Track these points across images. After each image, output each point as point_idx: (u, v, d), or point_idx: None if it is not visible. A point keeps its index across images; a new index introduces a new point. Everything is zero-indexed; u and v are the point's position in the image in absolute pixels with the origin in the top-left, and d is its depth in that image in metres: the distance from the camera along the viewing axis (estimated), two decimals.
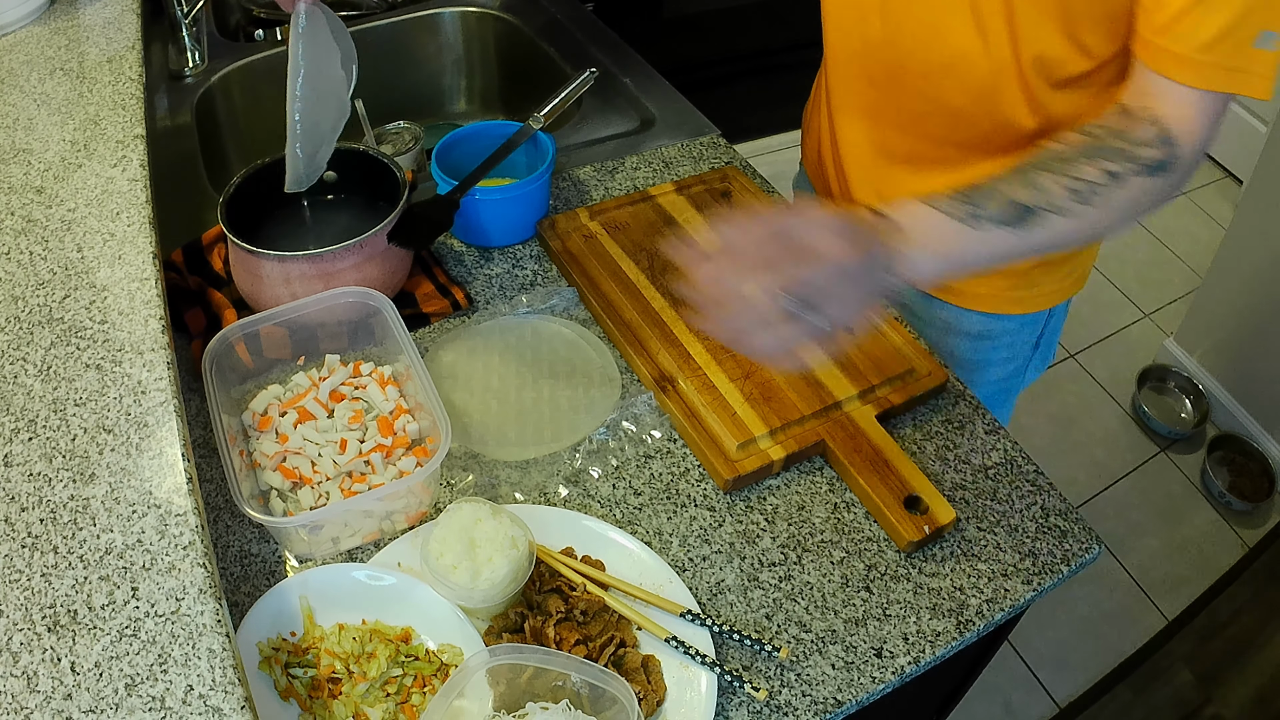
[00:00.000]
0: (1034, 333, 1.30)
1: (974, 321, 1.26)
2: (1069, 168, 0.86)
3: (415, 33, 1.70)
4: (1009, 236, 0.85)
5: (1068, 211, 0.85)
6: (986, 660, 1.18)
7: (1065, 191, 0.85)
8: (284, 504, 0.94)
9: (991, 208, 0.85)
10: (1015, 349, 1.31)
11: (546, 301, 1.16)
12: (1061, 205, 0.85)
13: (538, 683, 0.80)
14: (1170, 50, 0.87)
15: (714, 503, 0.98)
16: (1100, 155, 0.86)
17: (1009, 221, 0.85)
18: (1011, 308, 1.25)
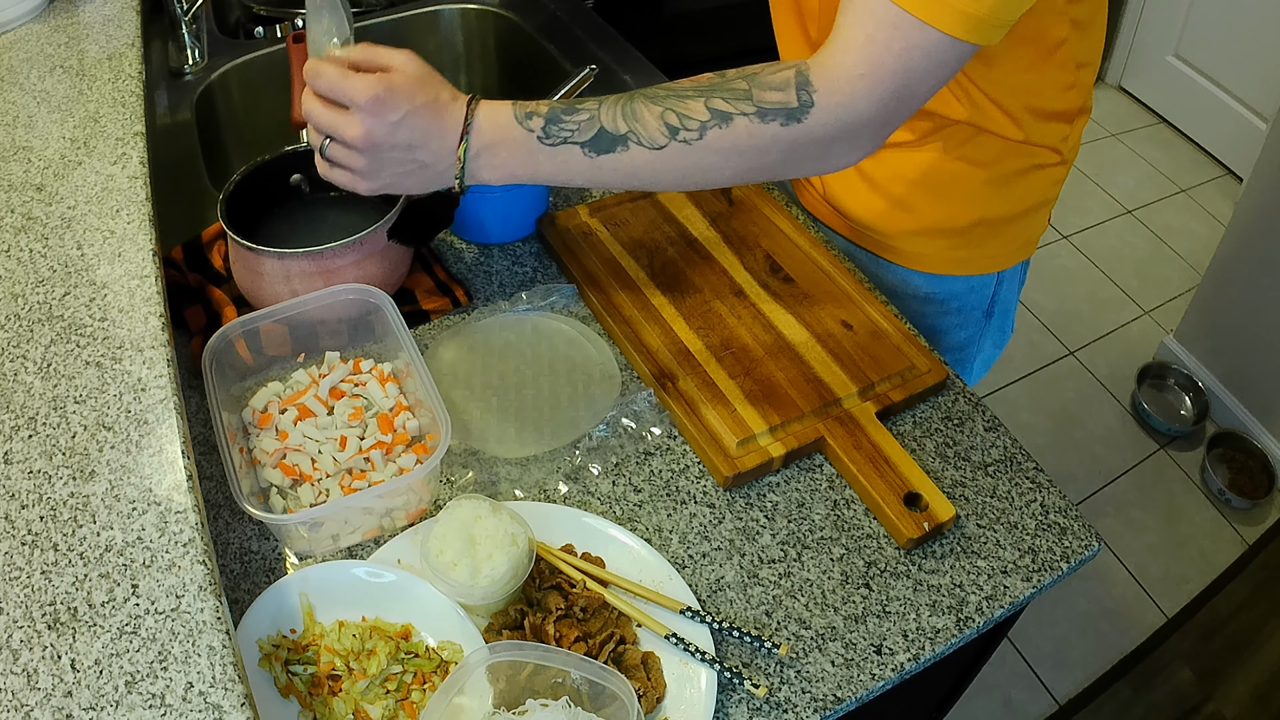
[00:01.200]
0: (983, 298, 1.30)
1: (920, 283, 1.26)
2: (675, 103, 0.84)
3: (415, 30, 1.70)
4: (583, 158, 0.86)
5: (655, 145, 0.84)
6: (986, 657, 1.18)
7: (659, 124, 0.83)
8: (284, 501, 0.94)
9: (573, 126, 0.85)
10: (965, 314, 1.31)
11: (546, 298, 1.16)
12: (649, 137, 0.84)
13: (537, 680, 0.80)
14: None
15: (714, 499, 0.98)
16: (716, 93, 0.83)
17: (586, 144, 0.85)
18: (955, 268, 1.25)
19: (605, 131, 0.85)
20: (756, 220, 1.25)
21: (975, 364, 1.41)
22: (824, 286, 1.16)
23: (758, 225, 1.24)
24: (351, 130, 0.85)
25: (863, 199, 1.22)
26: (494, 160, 0.88)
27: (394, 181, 0.89)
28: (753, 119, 0.81)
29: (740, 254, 1.20)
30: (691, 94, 0.83)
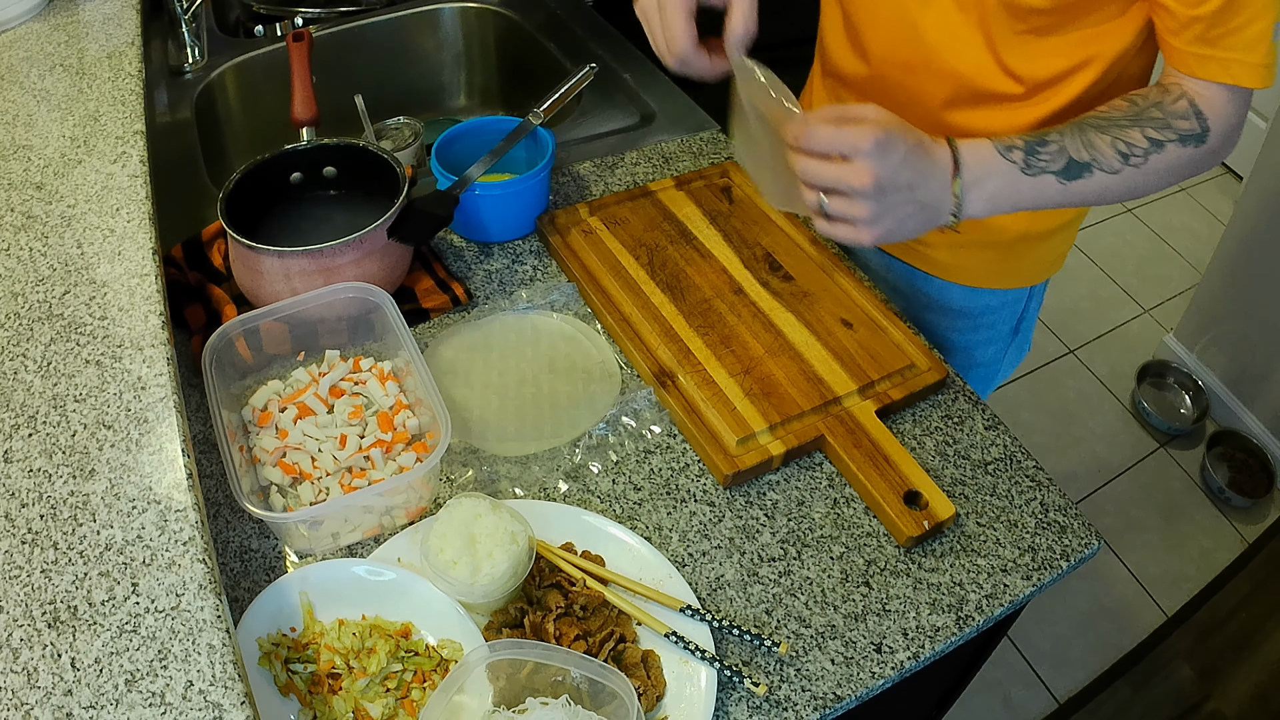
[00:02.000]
0: (1014, 314, 1.32)
1: (956, 296, 1.27)
2: (1117, 131, 0.95)
3: (415, 28, 1.70)
4: (1058, 185, 0.94)
5: (1114, 170, 0.94)
6: (986, 655, 1.18)
7: (1114, 152, 0.94)
8: (284, 499, 0.94)
9: (1047, 157, 0.93)
10: (995, 330, 1.33)
11: (546, 297, 1.16)
12: (1109, 164, 0.94)
13: (537, 678, 0.80)
14: (1194, 53, 0.93)
15: (714, 498, 0.98)
16: (1143, 122, 0.95)
17: (1060, 172, 0.94)
18: (994, 281, 1.27)
19: (1074, 161, 0.94)
20: (756, 218, 1.25)
21: (995, 382, 1.42)
22: (824, 284, 1.16)
23: (757, 223, 1.24)
24: (860, 178, 0.87)
25: None
26: (983, 192, 0.93)
27: (895, 227, 0.91)
28: (1176, 144, 0.95)
29: (740, 252, 1.20)
30: (1125, 123, 0.95)
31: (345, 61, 1.63)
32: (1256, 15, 0.89)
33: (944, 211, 0.93)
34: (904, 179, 0.89)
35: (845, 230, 0.91)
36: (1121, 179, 0.95)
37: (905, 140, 0.88)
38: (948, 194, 0.92)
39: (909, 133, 0.90)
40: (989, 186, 0.93)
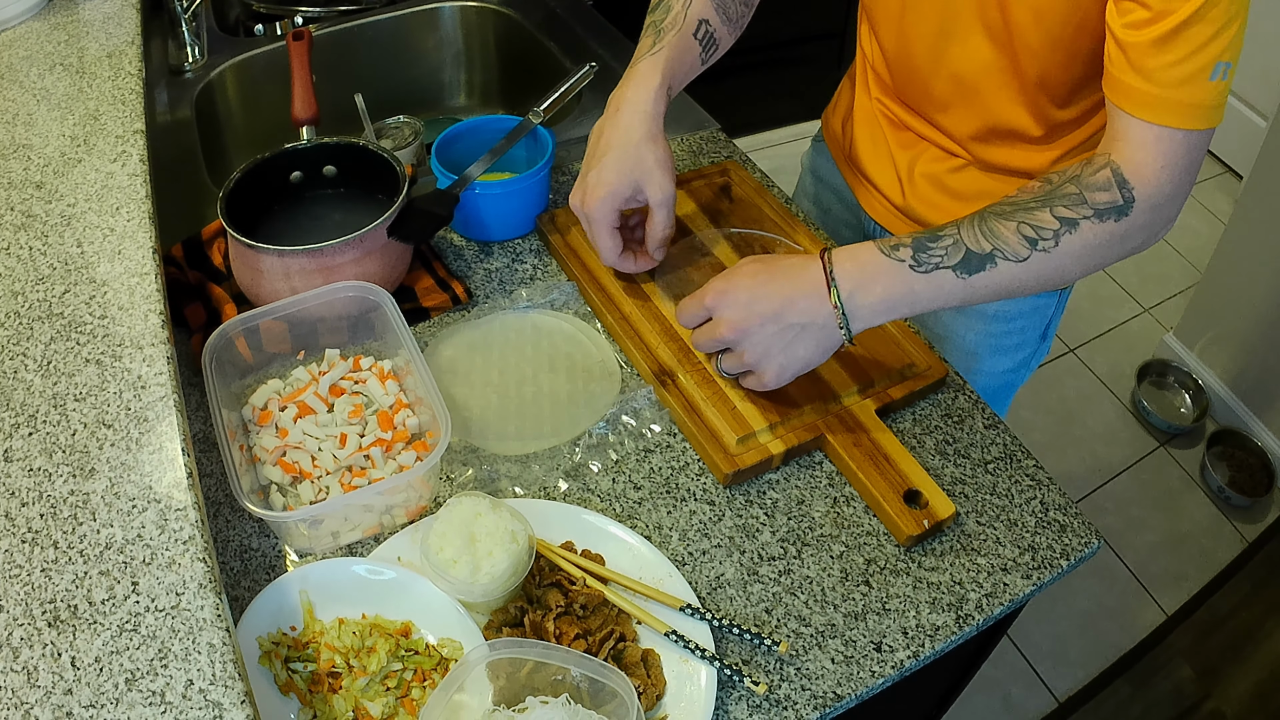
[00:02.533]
0: (1044, 317, 1.31)
1: (989, 304, 1.26)
2: (1024, 214, 0.89)
3: (415, 27, 1.70)
4: (955, 280, 0.90)
5: (1020, 257, 0.89)
6: (986, 654, 1.18)
7: (1019, 238, 0.89)
8: (284, 498, 0.94)
9: (940, 252, 0.89)
10: (1025, 335, 1.32)
11: (546, 295, 1.16)
12: (1013, 252, 0.89)
13: (537, 677, 0.80)
14: (1124, 81, 0.88)
15: (713, 497, 0.98)
16: (1055, 201, 0.89)
17: (957, 265, 0.89)
18: None
19: (971, 253, 0.89)
20: (756, 217, 1.25)
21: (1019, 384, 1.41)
22: None
23: (757, 222, 1.24)
24: (717, 330, 0.95)
25: (945, 213, 1.22)
26: (870, 297, 0.90)
27: (785, 360, 0.93)
28: (1093, 220, 0.89)
29: (740, 250, 1.20)
30: (1033, 204, 0.90)
31: (345, 60, 1.63)
32: (1195, 50, 0.84)
33: (830, 328, 0.91)
34: (761, 311, 0.92)
35: (749, 381, 0.98)
36: (1030, 266, 0.89)
37: (752, 275, 0.93)
38: (826, 307, 0.91)
39: (760, 266, 0.94)
40: (876, 290, 0.90)
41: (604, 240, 1.07)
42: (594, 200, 1.04)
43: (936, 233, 0.91)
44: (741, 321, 0.93)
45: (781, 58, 3.15)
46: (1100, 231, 0.89)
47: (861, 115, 1.31)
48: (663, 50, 1.07)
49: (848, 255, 0.91)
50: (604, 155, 1.05)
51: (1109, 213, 0.89)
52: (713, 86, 1.65)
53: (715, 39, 1.13)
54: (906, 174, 1.24)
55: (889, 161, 1.27)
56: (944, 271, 0.89)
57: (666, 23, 1.09)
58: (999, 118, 1.10)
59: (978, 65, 1.06)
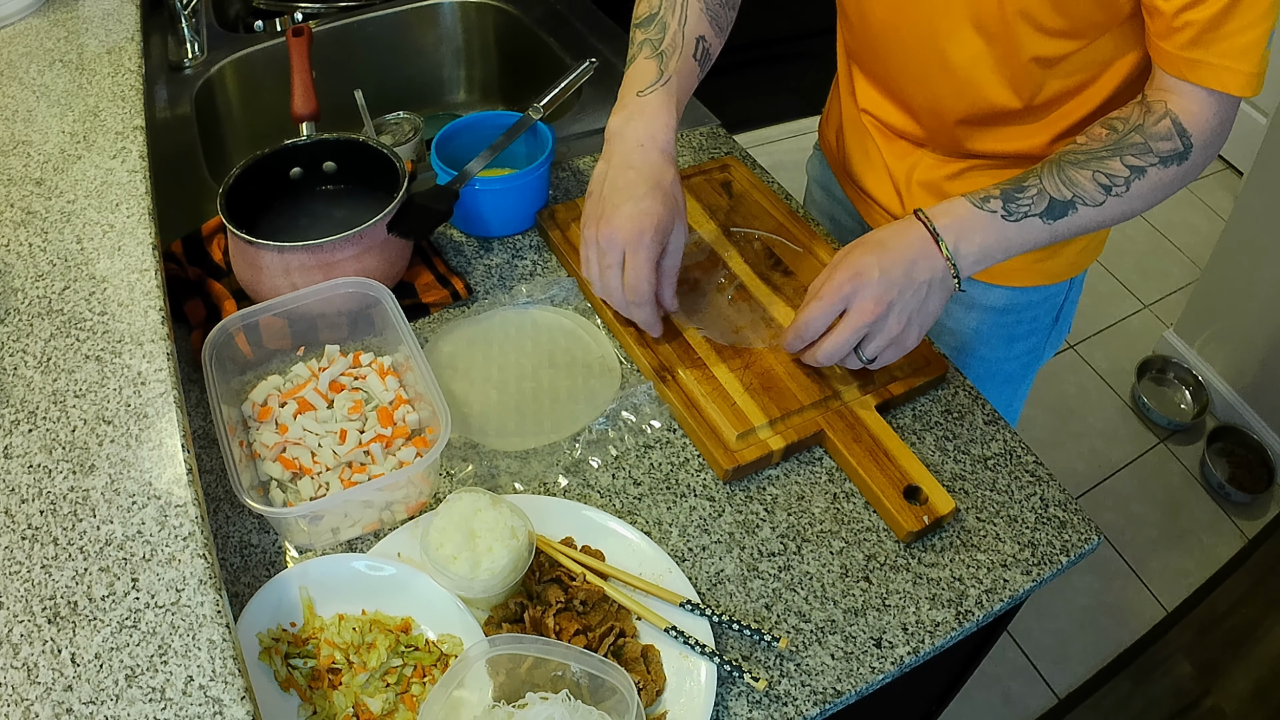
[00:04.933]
0: (1055, 306, 1.33)
1: (998, 296, 1.28)
2: (1096, 164, 0.96)
3: (415, 23, 1.70)
4: (1042, 226, 0.96)
5: (1097, 202, 0.96)
6: (986, 651, 1.18)
7: (1094, 185, 0.96)
8: (284, 494, 0.94)
9: (1027, 201, 0.96)
10: (1037, 323, 1.34)
11: (546, 291, 1.15)
12: (1091, 197, 0.96)
13: (537, 673, 0.80)
14: (1185, 57, 0.93)
15: (713, 493, 0.98)
16: (1124, 150, 0.96)
17: (1043, 213, 0.96)
18: (1036, 279, 1.27)
19: (1055, 201, 0.96)
20: (756, 213, 1.25)
21: (1035, 367, 1.42)
22: None
23: (758, 218, 1.24)
24: (864, 314, 0.95)
25: None
26: (971, 245, 0.95)
27: (924, 318, 0.97)
28: (1159, 167, 0.96)
29: (740, 247, 1.19)
30: (1104, 154, 0.96)
31: (345, 56, 1.63)
32: (1251, 23, 0.89)
33: (947, 281, 0.96)
34: (897, 281, 0.94)
35: (889, 354, 0.98)
36: (1106, 209, 0.97)
37: (872, 256, 0.95)
38: (940, 261, 0.95)
39: (872, 249, 0.96)
40: (976, 239, 0.95)
41: (644, 271, 0.98)
42: (638, 229, 0.97)
43: (1021, 183, 0.97)
44: (884, 296, 0.94)
45: (780, 54, 3.15)
46: (1165, 175, 0.97)
47: (851, 127, 1.31)
48: (671, 80, 1.05)
49: (944, 211, 0.96)
50: (638, 188, 0.98)
51: (1172, 159, 0.96)
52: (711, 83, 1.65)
53: (710, 54, 1.13)
54: (904, 184, 1.24)
55: (884, 173, 1.27)
56: (1032, 219, 0.96)
57: (666, 45, 1.07)
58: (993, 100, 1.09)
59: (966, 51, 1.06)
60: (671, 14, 1.09)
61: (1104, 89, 1.06)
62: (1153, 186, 0.97)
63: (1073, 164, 0.97)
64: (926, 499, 0.96)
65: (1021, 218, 0.96)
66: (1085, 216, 0.97)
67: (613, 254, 0.99)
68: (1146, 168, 0.96)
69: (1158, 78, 0.97)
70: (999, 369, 1.36)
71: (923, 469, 0.98)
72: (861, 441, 1.00)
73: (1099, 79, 1.06)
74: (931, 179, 1.22)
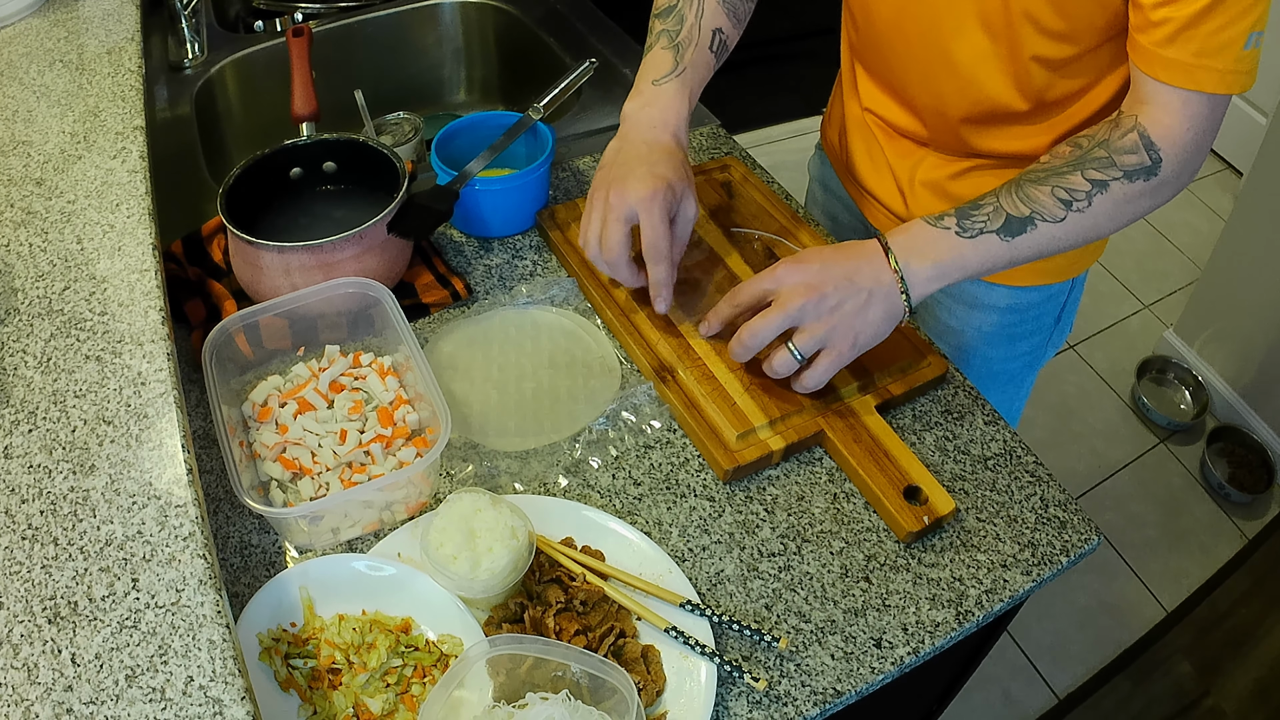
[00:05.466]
0: (1057, 306, 1.33)
1: (1001, 295, 1.28)
2: (1056, 179, 0.95)
3: (415, 23, 1.70)
4: (999, 243, 0.95)
5: (1056, 219, 0.94)
6: (986, 651, 1.18)
7: (1053, 200, 0.94)
8: (284, 495, 0.94)
9: (982, 219, 0.95)
10: (1039, 323, 1.33)
11: (546, 292, 1.16)
12: (1050, 213, 0.94)
13: (537, 673, 0.81)
14: (1160, 54, 0.91)
15: (713, 493, 0.98)
16: (1085, 164, 0.95)
17: (1000, 230, 0.94)
18: (1039, 279, 1.27)
19: (1012, 217, 0.95)
20: (756, 213, 1.25)
21: (1037, 367, 1.42)
22: None
23: (757, 218, 1.24)
24: (791, 299, 0.93)
25: None
26: (924, 262, 0.94)
27: (861, 325, 0.94)
28: (1123, 181, 0.94)
29: (740, 247, 1.19)
30: (1065, 169, 0.95)
31: (345, 57, 1.63)
32: (1231, 20, 0.87)
33: (894, 294, 0.94)
34: (834, 275, 0.93)
35: (823, 363, 0.96)
36: (1068, 226, 0.95)
37: (818, 255, 0.95)
38: (887, 274, 0.94)
39: (824, 250, 0.96)
40: (929, 255, 0.94)
41: (660, 229, 1.00)
42: (650, 190, 0.99)
43: (977, 202, 0.96)
44: (817, 285, 0.93)
45: (781, 53, 3.15)
46: (1130, 190, 0.94)
47: (854, 127, 1.31)
48: (686, 71, 1.08)
49: (898, 230, 0.97)
50: (649, 158, 1.02)
51: (1138, 173, 0.94)
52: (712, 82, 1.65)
53: (726, 45, 1.14)
54: (907, 184, 1.24)
55: (888, 172, 1.27)
56: (988, 236, 0.94)
57: (682, 37, 1.09)
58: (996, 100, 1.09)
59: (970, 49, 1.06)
60: (689, 6, 1.11)
61: (1107, 90, 1.05)
62: (1116, 202, 0.95)
63: (1032, 181, 0.96)
64: (926, 499, 0.96)
65: (977, 234, 0.94)
66: (1045, 233, 0.95)
67: (620, 210, 1.01)
68: (1109, 181, 0.94)
69: (1134, 87, 0.96)
70: (1001, 369, 1.36)
71: (923, 469, 0.98)
72: (861, 441, 1.00)
73: (1102, 81, 1.05)
74: (935, 178, 1.22)
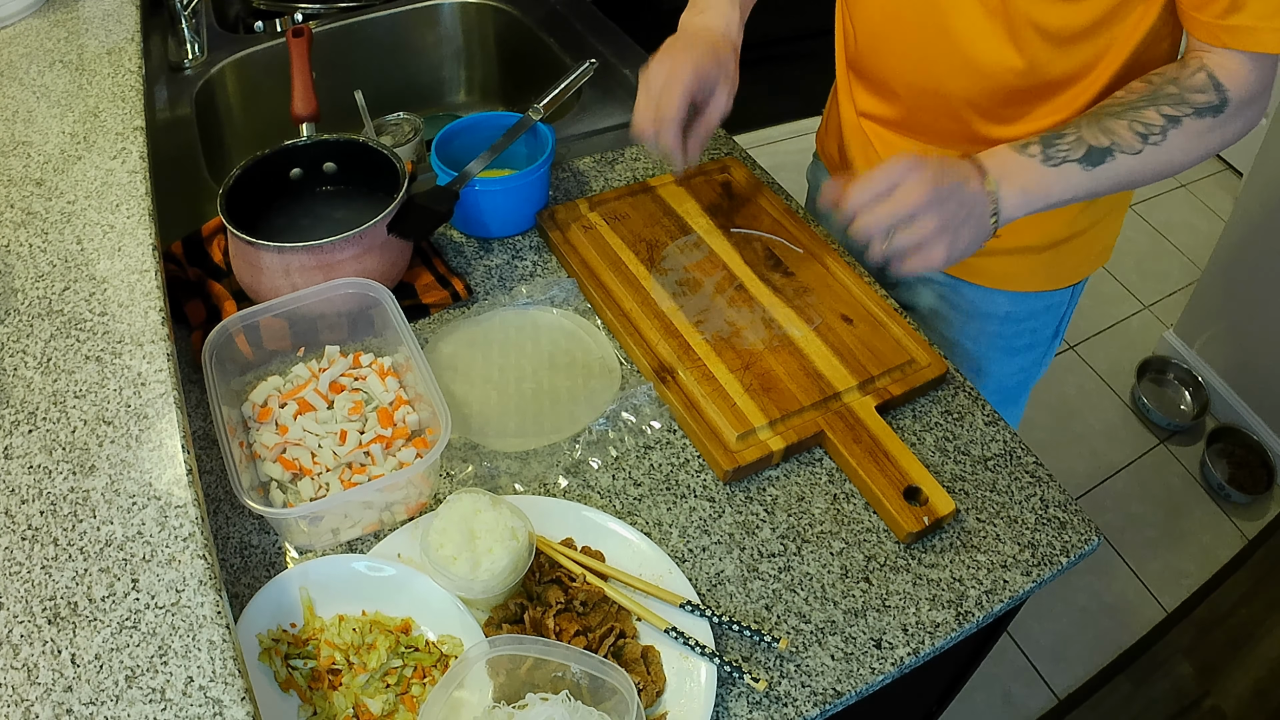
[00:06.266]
0: (1056, 316, 1.33)
1: (1001, 303, 1.28)
2: (1133, 113, 0.97)
3: (415, 24, 1.70)
4: (1081, 172, 0.96)
5: (1134, 150, 0.96)
6: (986, 651, 1.18)
7: (1131, 134, 0.96)
8: (284, 495, 0.94)
9: (1065, 147, 0.96)
10: (1037, 335, 1.34)
11: (546, 292, 1.15)
12: (1129, 145, 0.96)
13: (537, 673, 0.80)
14: (1222, 24, 0.94)
15: (713, 493, 0.98)
16: (1159, 100, 0.97)
17: (1082, 159, 0.96)
18: (1041, 284, 1.28)
19: (1093, 147, 0.96)
20: (756, 214, 1.25)
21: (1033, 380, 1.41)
22: (824, 280, 1.16)
23: (757, 219, 1.24)
24: (915, 193, 0.91)
25: None
26: (1012, 187, 0.95)
27: (956, 239, 0.93)
28: (1193, 118, 0.97)
29: (740, 247, 1.20)
30: (1141, 104, 0.97)
31: (345, 57, 1.63)
32: None
33: (986, 215, 0.95)
34: (954, 177, 0.93)
35: (917, 260, 0.94)
36: (1145, 158, 0.97)
37: (930, 157, 0.93)
38: (984, 193, 0.94)
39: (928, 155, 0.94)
40: (1017, 181, 0.95)
41: (674, 97, 1.03)
42: (679, 65, 1.03)
43: (1060, 132, 0.97)
44: (936, 185, 0.91)
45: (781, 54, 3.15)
46: (1199, 126, 0.97)
47: (852, 137, 1.30)
48: None
49: (986, 154, 0.97)
50: (692, 40, 1.06)
51: (1207, 110, 0.97)
52: None
53: None
54: None
55: None
56: (1071, 165, 0.96)
57: None
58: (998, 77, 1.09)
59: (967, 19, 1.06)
60: None
61: (1110, 67, 1.06)
62: (1188, 137, 0.97)
63: (1110, 114, 0.97)
64: (926, 500, 0.96)
65: (1060, 162, 0.96)
66: (1124, 165, 0.97)
67: (655, 81, 1.04)
68: (1181, 118, 0.96)
69: (1192, 47, 0.98)
70: (999, 384, 1.35)
71: (923, 470, 0.98)
72: (861, 442, 1.00)
73: (1105, 58, 1.05)
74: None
